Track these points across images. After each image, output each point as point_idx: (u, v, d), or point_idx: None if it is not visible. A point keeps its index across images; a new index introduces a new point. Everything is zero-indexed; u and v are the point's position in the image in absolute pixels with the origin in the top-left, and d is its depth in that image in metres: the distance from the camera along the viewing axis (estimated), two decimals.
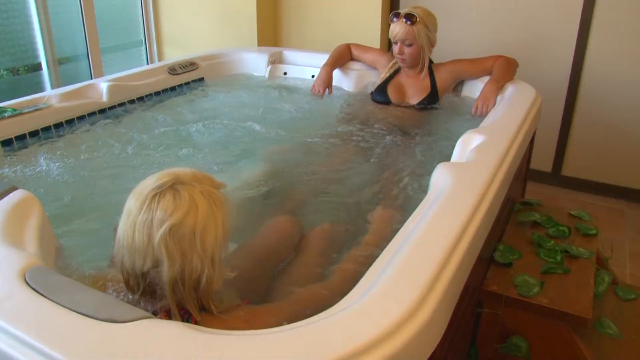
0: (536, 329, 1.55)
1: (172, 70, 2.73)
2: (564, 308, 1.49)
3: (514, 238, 1.85)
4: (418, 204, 1.36)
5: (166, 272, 0.96)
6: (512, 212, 2.03)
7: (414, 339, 0.87)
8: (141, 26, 3.90)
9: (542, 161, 3.25)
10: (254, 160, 2.05)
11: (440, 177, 1.48)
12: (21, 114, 2.04)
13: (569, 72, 3.06)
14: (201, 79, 2.87)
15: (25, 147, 2.01)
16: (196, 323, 0.98)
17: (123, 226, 0.99)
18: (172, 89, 2.69)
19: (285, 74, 2.97)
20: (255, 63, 3.01)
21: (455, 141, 1.78)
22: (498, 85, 2.33)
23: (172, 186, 0.98)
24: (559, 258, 1.71)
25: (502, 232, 1.88)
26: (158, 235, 0.94)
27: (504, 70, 2.38)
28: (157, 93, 2.62)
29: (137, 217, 0.96)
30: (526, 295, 1.54)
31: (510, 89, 2.31)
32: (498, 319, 1.59)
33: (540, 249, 1.76)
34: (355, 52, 2.77)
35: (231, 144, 2.17)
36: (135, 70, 2.64)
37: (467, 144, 1.74)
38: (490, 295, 1.58)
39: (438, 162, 1.57)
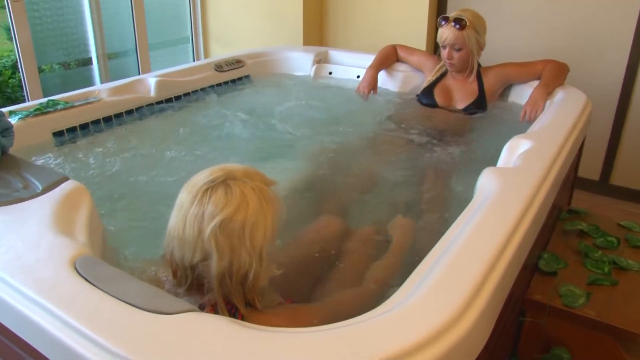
0: (581, 341, 1.51)
1: (219, 67, 2.77)
2: (612, 321, 1.45)
3: (560, 247, 1.80)
4: (462, 207, 1.34)
5: (215, 265, 0.97)
6: (558, 220, 1.98)
7: (458, 345, 0.86)
8: (188, 23, 3.96)
9: (590, 169, 3.16)
10: (299, 159, 2.06)
11: (487, 182, 1.45)
12: (72, 107, 2.10)
13: (622, 77, 2.96)
14: (247, 77, 2.90)
15: (75, 139, 2.06)
16: (242, 317, 0.99)
17: (174, 219, 1.01)
18: (219, 85, 2.73)
19: (330, 73, 2.97)
20: (301, 62, 3.02)
21: (502, 146, 1.75)
22: (547, 90, 2.28)
23: (224, 181, 0.99)
24: (606, 269, 1.66)
25: (547, 240, 1.83)
26: (208, 229, 0.96)
27: (554, 75, 2.33)
28: (204, 89, 2.65)
29: (188, 211, 0.98)
30: (571, 305, 1.50)
31: (559, 95, 2.26)
32: (541, 328, 1.55)
33: (587, 259, 1.72)
34: (401, 53, 2.75)
35: (276, 142, 2.19)
36: (183, 67, 2.68)
37: (515, 149, 1.70)
38: (533, 304, 1.55)
39: (484, 167, 1.54)
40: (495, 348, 1.25)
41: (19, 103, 2.10)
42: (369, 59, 2.73)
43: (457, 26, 2.28)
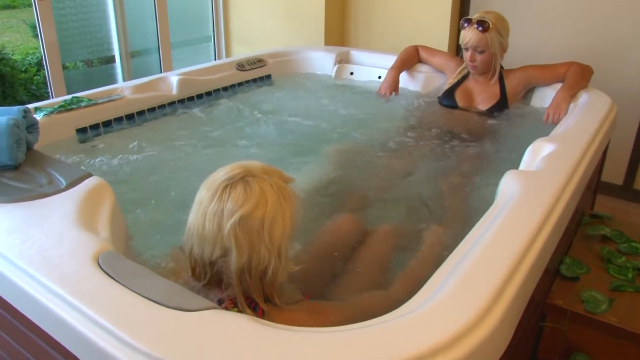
0: (602, 348, 1.49)
1: (241, 66, 2.78)
2: (635, 328, 1.43)
3: (582, 251, 1.78)
4: (483, 210, 1.33)
5: (234, 261, 0.98)
6: (580, 225, 1.96)
7: (479, 349, 0.85)
8: (210, 22, 3.98)
9: (613, 173, 3.12)
10: (318, 158, 2.06)
11: (509, 184, 1.44)
12: (96, 104, 2.12)
13: None
14: (268, 76, 2.91)
15: (98, 135, 2.09)
16: (263, 312, 1.00)
17: (194, 215, 1.02)
18: (240, 84, 2.74)
19: (351, 74, 2.96)
20: (323, 62, 3.02)
21: (524, 149, 1.73)
22: (571, 93, 2.25)
23: (243, 178, 1.00)
24: (630, 275, 1.64)
25: (569, 244, 1.81)
26: (228, 225, 0.97)
27: (577, 77, 2.30)
28: (225, 88, 2.66)
29: (207, 207, 0.99)
30: (593, 311, 1.48)
31: (583, 97, 2.23)
32: (561, 334, 1.54)
33: (609, 265, 1.69)
34: (423, 54, 2.73)
35: (295, 141, 2.19)
36: (205, 65, 2.70)
37: (537, 153, 1.69)
38: (554, 309, 1.53)
39: (505, 170, 1.53)
40: (516, 352, 1.23)
41: (43, 100, 2.13)
42: (390, 60, 2.73)
43: (480, 28, 2.26)
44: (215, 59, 4.04)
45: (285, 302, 1.06)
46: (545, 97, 2.41)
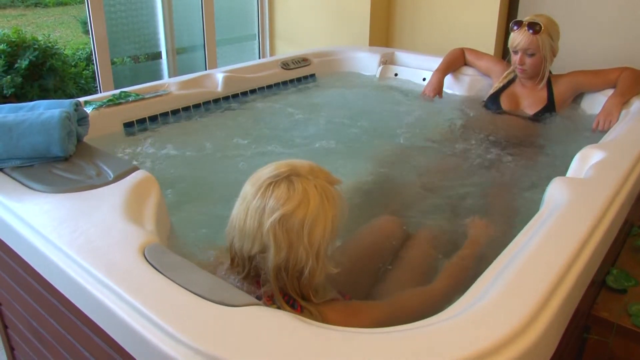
0: None
1: (285, 65, 2.79)
2: None
3: (630, 263, 1.73)
4: (527, 217, 1.31)
5: (272, 258, 0.99)
6: (628, 236, 1.90)
7: (525, 356, 0.83)
8: (256, 21, 4.02)
9: None
10: (361, 159, 2.06)
11: (556, 192, 1.41)
12: (143, 99, 2.16)
13: None
14: (312, 75, 2.92)
15: (144, 130, 2.13)
16: (302, 309, 1.00)
17: (237, 209, 1.03)
18: (284, 83, 2.76)
19: (396, 75, 2.94)
20: (367, 62, 3.02)
21: (571, 156, 1.69)
22: (623, 100, 2.19)
23: (288, 177, 1.00)
24: None
25: (616, 255, 1.76)
26: (268, 222, 0.97)
27: (630, 83, 2.23)
28: (270, 87, 2.69)
29: (250, 203, 1.00)
30: None
31: (636, 104, 2.17)
32: (606, 347, 1.49)
33: None
34: (469, 57, 2.70)
35: (339, 141, 2.19)
36: (250, 63, 2.73)
37: (586, 160, 1.64)
38: (599, 322, 1.49)
39: (551, 176, 1.50)
40: None
41: (91, 94, 2.18)
42: (435, 62, 2.70)
43: (531, 31, 2.21)
44: (260, 57, 4.07)
45: (320, 300, 1.06)
46: (595, 103, 2.34)
